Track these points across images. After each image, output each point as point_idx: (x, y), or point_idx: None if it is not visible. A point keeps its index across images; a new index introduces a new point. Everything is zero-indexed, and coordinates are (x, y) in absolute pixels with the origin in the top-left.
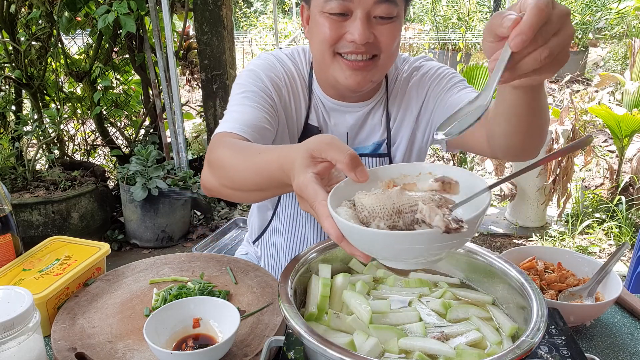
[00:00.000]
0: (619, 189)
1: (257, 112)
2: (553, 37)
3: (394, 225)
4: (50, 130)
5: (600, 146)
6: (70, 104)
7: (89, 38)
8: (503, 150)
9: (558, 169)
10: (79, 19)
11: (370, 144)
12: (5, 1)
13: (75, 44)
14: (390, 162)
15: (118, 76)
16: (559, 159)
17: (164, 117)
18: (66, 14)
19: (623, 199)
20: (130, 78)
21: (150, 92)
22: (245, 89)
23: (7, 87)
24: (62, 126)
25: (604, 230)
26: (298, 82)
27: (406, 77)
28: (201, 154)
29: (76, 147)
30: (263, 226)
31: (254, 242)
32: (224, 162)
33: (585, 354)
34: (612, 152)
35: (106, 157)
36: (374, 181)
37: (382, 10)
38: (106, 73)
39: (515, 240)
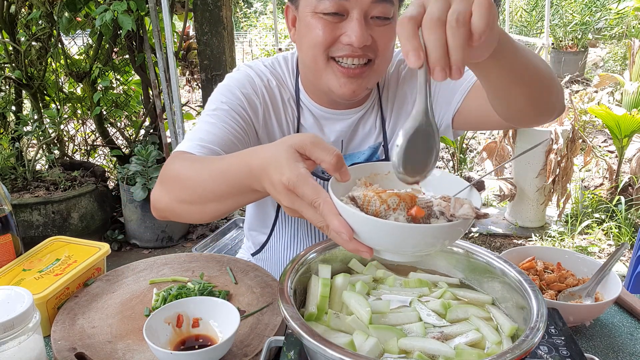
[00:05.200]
0: (619, 189)
1: (222, 132)
2: (448, 11)
3: (414, 219)
4: (50, 131)
5: (600, 146)
6: (70, 104)
7: (89, 38)
8: (517, 119)
9: (557, 169)
10: (79, 19)
11: (366, 148)
12: (5, 1)
13: (75, 44)
14: None
15: (118, 76)
16: (559, 159)
17: (164, 117)
18: (66, 14)
19: (622, 199)
20: (130, 78)
21: (150, 92)
22: (216, 107)
23: (7, 87)
24: (62, 126)
25: (603, 230)
26: (282, 95)
27: (394, 72)
28: None
29: (76, 147)
30: (259, 244)
31: (252, 255)
32: (179, 173)
33: (585, 354)
34: (612, 152)
35: (106, 157)
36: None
37: (379, 10)
38: (106, 73)
39: (514, 241)
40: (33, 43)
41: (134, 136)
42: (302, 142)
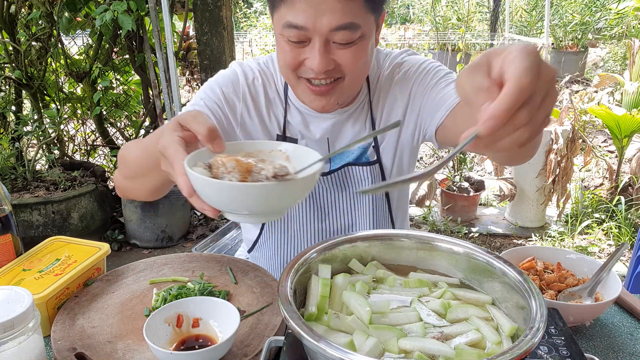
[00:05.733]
0: (619, 189)
1: None
2: (537, 110)
3: (243, 180)
4: (50, 131)
5: (600, 146)
6: (70, 104)
7: (89, 38)
8: (498, 160)
9: (558, 169)
10: (79, 19)
11: (355, 147)
12: (5, 1)
13: (75, 44)
14: (381, 169)
15: (118, 76)
16: (559, 159)
17: (164, 117)
18: (66, 14)
19: (622, 199)
20: (130, 78)
21: (150, 92)
22: (195, 102)
23: (7, 87)
24: (62, 126)
25: (603, 230)
26: (267, 93)
27: (388, 75)
28: None
29: (76, 147)
30: (251, 242)
31: (248, 251)
32: (123, 154)
33: (585, 354)
34: (612, 152)
35: (106, 157)
36: (232, 153)
37: (340, 37)
38: (106, 73)
39: (514, 241)
40: (33, 43)
41: (134, 136)
42: (185, 116)
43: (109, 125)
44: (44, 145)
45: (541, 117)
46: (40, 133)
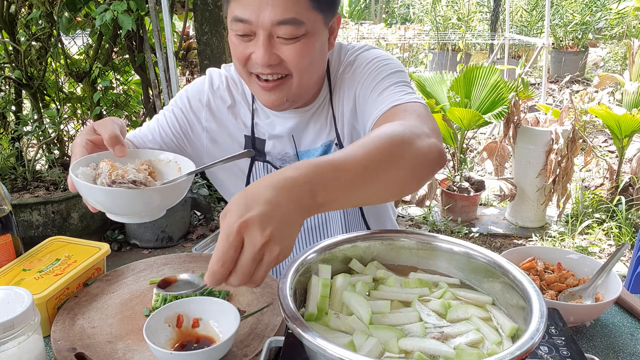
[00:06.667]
0: (619, 189)
1: (154, 130)
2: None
3: (113, 183)
4: (50, 131)
5: (600, 146)
6: (70, 104)
7: (89, 38)
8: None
9: (558, 169)
10: (79, 19)
11: (319, 145)
12: (5, 1)
13: (75, 44)
14: None
15: (118, 76)
16: (559, 159)
17: None
18: (66, 14)
19: (623, 199)
20: (130, 78)
21: (150, 92)
22: (166, 108)
23: (7, 87)
24: (62, 126)
25: (603, 230)
26: (234, 97)
27: (341, 72)
28: None
29: None
30: None
31: None
32: None
33: (585, 354)
34: (612, 152)
35: None
36: (134, 158)
37: (284, 32)
38: (106, 73)
39: (515, 241)
40: (33, 43)
41: None
42: (99, 122)
43: None
44: (44, 145)
45: (243, 264)
46: (40, 133)
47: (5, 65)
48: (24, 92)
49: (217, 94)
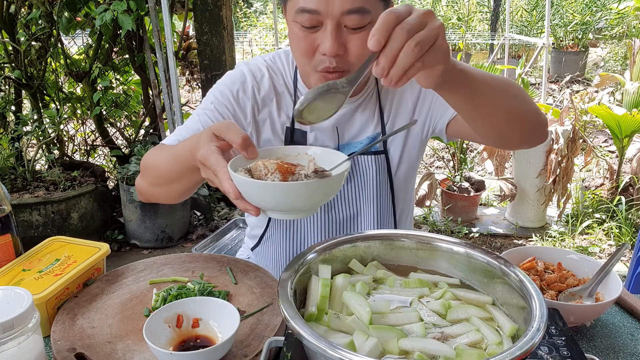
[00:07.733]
0: (619, 190)
1: (200, 130)
2: (419, 31)
3: (284, 180)
4: (50, 131)
5: (601, 146)
6: (70, 104)
7: (89, 38)
8: (491, 142)
9: (558, 169)
10: (79, 19)
11: (364, 138)
12: (5, 1)
13: (75, 44)
14: (387, 160)
15: (118, 76)
16: (560, 159)
17: (164, 117)
18: (66, 14)
19: (623, 199)
20: (130, 78)
21: (150, 92)
22: (205, 106)
23: (7, 87)
24: (62, 126)
25: (604, 230)
26: (276, 88)
27: None
28: None
29: (76, 147)
30: (257, 237)
31: (252, 250)
32: (148, 162)
33: (585, 355)
34: (612, 152)
35: (106, 157)
36: (263, 158)
37: (351, 21)
38: (106, 73)
39: (515, 241)
40: (33, 43)
41: (133, 136)
42: (219, 127)
43: (108, 125)
44: (44, 145)
45: (424, 35)
46: (40, 133)
47: (5, 65)
48: (23, 92)
49: (262, 84)
